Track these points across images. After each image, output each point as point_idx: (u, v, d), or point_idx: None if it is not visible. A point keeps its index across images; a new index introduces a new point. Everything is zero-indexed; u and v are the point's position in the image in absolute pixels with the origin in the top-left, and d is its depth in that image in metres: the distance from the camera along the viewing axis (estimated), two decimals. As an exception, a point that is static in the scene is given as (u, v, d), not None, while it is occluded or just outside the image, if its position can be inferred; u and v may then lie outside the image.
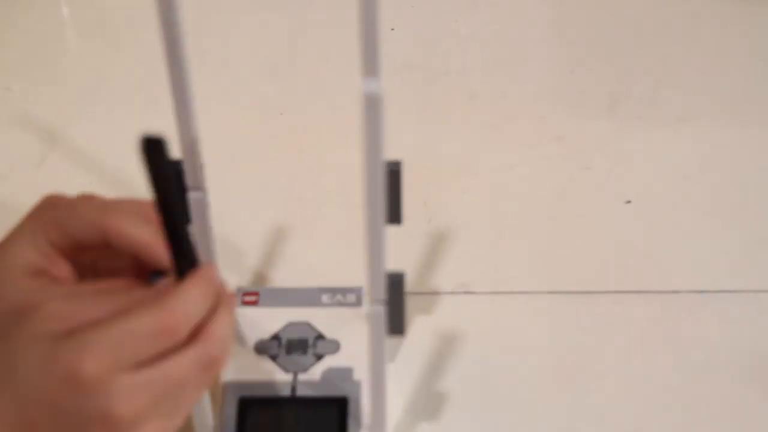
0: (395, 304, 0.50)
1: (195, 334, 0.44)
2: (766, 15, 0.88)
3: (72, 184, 0.73)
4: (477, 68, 0.83)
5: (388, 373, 0.53)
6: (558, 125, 0.78)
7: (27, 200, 0.73)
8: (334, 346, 0.60)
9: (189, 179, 0.49)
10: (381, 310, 0.49)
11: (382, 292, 0.48)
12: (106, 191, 0.73)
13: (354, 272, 0.54)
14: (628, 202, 0.72)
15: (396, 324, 0.51)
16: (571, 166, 0.75)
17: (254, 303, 0.62)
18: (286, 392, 0.58)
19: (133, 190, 0.73)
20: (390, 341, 0.64)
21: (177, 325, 0.43)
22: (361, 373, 0.58)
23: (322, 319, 0.61)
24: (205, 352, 0.44)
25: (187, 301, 0.44)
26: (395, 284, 0.49)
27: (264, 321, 0.61)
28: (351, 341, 0.60)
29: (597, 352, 0.63)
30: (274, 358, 0.59)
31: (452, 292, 0.67)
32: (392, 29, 0.87)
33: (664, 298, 0.66)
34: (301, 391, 0.58)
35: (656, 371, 0.62)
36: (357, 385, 0.58)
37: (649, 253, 0.69)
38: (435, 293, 0.67)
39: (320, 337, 0.60)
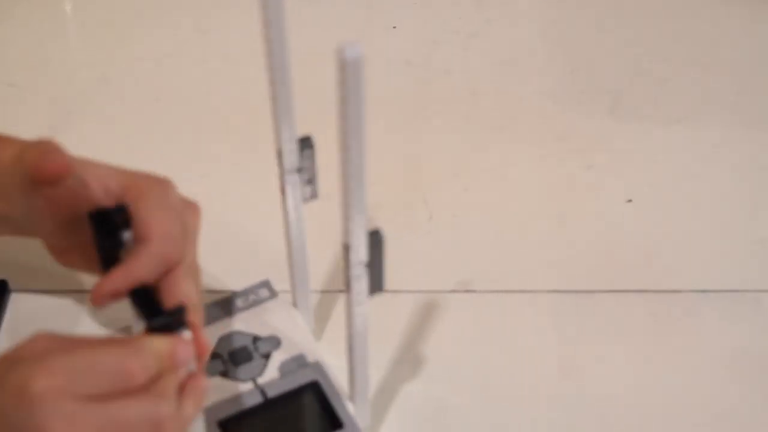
0: (376, 262, 0.50)
1: (149, 387, 0.45)
2: (766, 15, 0.88)
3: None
4: (479, 67, 0.83)
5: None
6: (559, 124, 0.78)
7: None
8: (275, 342, 0.60)
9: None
10: (362, 270, 0.49)
11: (364, 254, 0.48)
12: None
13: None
14: (629, 201, 0.72)
15: (376, 282, 0.51)
16: (572, 164, 0.75)
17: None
18: (257, 399, 0.57)
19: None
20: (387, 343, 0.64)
21: (135, 371, 0.44)
22: (314, 354, 0.59)
23: (249, 321, 0.61)
24: (154, 408, 0.44)
25: (152, 352, 0.45)
26: (376, 243, 0.49)
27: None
28: (287, 331, 0.61)
29: (597, 350, 0.63)
30: (225, 374, 0.59)
31: (453, 291, 0.67)
32: (394, 27, 0.87)
33: (665, 297, 0.66)
34: (271, 392, 0.58)
35: (656, 370, 0.62)
36: (318, 366, 0.58)
37: (650, 252, 0.69)
38: (435, 291, 0.67)
39: (257, 338, 0.60)
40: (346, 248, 0.48)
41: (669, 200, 0.73)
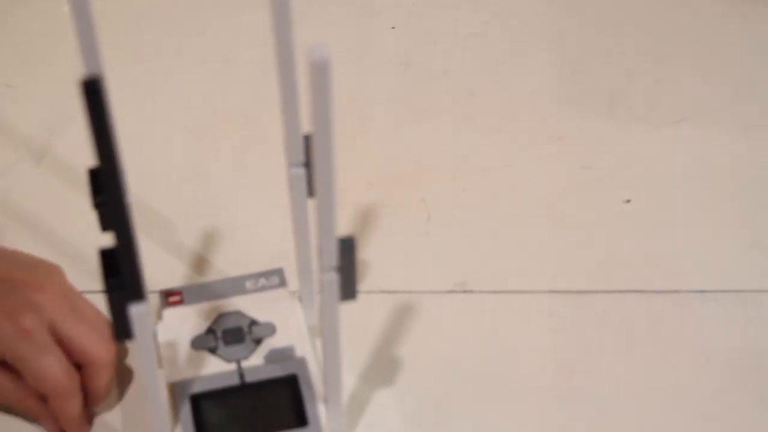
0: (347, 269, 0.50)
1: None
2: (766, 15, 0.88)
3: (71, 180, 0.74)
4: (477, 67, 0.83)
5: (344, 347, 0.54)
6: (558, 124, 0.78)
7: (26, 196, 0.73)
8: (270, 329, 0.61)
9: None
10: (333, 277, 0.49)
11: (334, 259, 0.49)
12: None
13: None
14: (628, 201, 0.72)
15: (348, 289, 0.51)
16: (570, 165, 0.75)
17: (179, 302, 0.63)
18: (235, 381, 0.58)
19: (131, 186, 0.73)
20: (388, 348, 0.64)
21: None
22: (303, 349, 0.59)
23: (252, 304, 0.62)
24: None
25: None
26: (347, 249, 0.49)
27: (194, 317, 0.62)
28: (285, 321, 0.61)
29: (595, 351, 0.63)
30: (213, 350, 0.60)
31: (450, 291, 0.67)
32: (393, 27, 0.87)
33: (663, 297, 0.66)
34: (250, 377, 0.58)
35: (654, 371, 0.62)
36: (302, 361, 0.59)
37: (648, 252, 0.69)
38: (433, 292, 0.67)
39: (254, 322, 0.61)
40: (320, 251, 0.48)
41: (667, 200, 0.73)
